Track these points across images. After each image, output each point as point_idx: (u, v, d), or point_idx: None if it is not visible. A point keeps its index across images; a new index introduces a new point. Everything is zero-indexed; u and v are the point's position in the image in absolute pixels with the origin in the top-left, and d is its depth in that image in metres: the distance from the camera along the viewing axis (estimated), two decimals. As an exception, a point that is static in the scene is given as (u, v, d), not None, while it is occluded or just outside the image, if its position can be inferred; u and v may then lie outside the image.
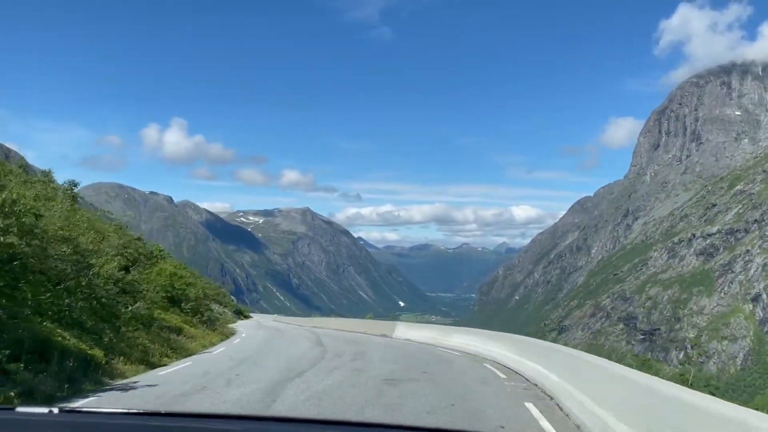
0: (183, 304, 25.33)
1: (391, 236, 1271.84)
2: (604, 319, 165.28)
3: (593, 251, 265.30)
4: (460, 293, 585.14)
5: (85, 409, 2.20)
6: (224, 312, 56.90)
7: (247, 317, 76.61)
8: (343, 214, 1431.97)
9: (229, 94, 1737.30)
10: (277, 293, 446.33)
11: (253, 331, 37.62)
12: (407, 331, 29.54)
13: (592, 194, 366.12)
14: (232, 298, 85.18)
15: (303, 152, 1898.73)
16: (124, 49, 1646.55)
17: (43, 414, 2.05)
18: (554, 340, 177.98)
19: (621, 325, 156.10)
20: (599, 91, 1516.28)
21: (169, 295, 24.16)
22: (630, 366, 12.45)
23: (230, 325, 42.23)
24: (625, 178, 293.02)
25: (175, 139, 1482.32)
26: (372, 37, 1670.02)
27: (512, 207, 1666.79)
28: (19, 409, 2.10)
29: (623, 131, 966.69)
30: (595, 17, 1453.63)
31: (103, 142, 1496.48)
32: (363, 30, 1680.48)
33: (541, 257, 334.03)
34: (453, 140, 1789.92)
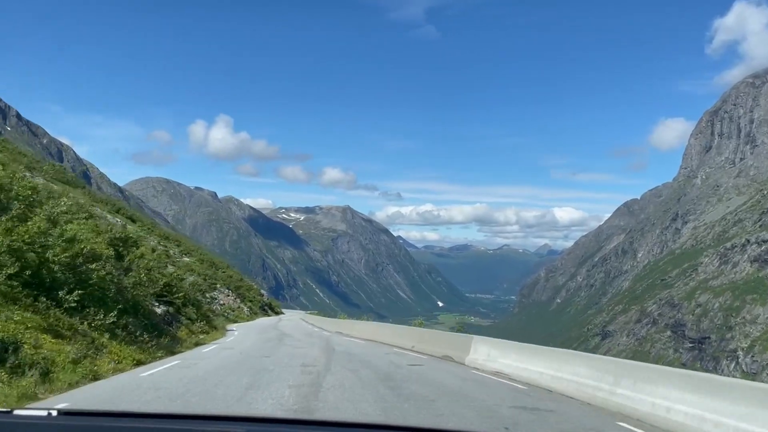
0: (63, 293, 13.33)
1: (431, 236, 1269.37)
2: (650, 325, 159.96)
3: (639, 255, 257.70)
4: (499, 295, 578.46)
5: (85, 411, 2.20)
6: (238, 308, 52.51)
7: (278, 313, 75.69)
8: (383, 212, 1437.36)
9: (274, 92, 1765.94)
10: (317, 290, 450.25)
11: (244, 337, 27.89)
12: (497, 354, 15.05)
13: (638, 197, 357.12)
14: (263, 292, 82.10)
15: (345, 150, 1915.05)
16: (174, 47, 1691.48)
17: (42, 417, 2.03)
18: (597, 346, 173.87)
19: (668, 332, 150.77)
20: (649, 92, 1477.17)
21: (25, 274, 12.53)
22: None
23: (232, 326, 37.68)
24: (674, 181, 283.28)
25: (221, 135, 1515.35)
26: (417, 35, 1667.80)
27: (555, 209, 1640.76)
28: (17, 411, 2.08)
29: (673, 133, 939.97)
30: (645, 16, 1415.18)
31: (152, 138, 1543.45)
32: (408, 29, 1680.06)
33: (585, 260, 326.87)
34: (496, 140, 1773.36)
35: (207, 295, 45.69)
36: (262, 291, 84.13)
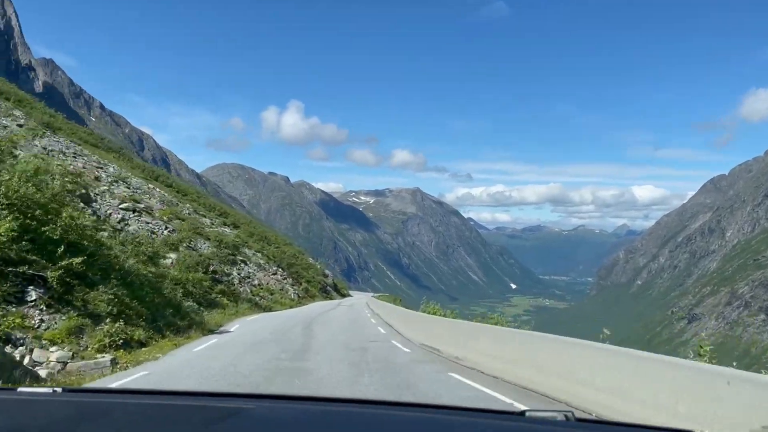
0: None
1: (503, 217, 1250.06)
2: (741, 308, 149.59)
3: (728, 234, 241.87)
4: (575, 277, 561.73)
5: (88, 388, 2.13)
6: (281, 290, 42.63)
7: (344, 296, 71.58)
8: (453, 194, 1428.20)
9: (343, 76, 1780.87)
10: (388, 272, 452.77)
11: (170, 369, 11.55)
12: None
13: (726, 172, 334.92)
14: (327, 272, 74.75)
15: (414, 132, 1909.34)
16: (248, 37, 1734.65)
17: (46, 394, 2.02)
18: (683, 329, 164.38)
19: (762, 316, 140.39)
20: (736, 61, 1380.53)
21: None
22: None
23: (244, 319, 24.67)
24: (766, 155, 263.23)
25: (292, 120, 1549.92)
26: (487, 13, 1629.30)
27: (634, 187, 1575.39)
28: (22, 389, 2.07)
29: (764, 103, 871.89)
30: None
31: (227, 125, 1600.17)
32: (478, 6, 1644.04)
33: (667, 240, 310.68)
34: (571, 118, 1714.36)
35: (231, 269, 35.55)
36: (326, 271, 76.06)
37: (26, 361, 10.46)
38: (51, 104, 69.86)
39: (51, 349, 11.22)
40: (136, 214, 29.50)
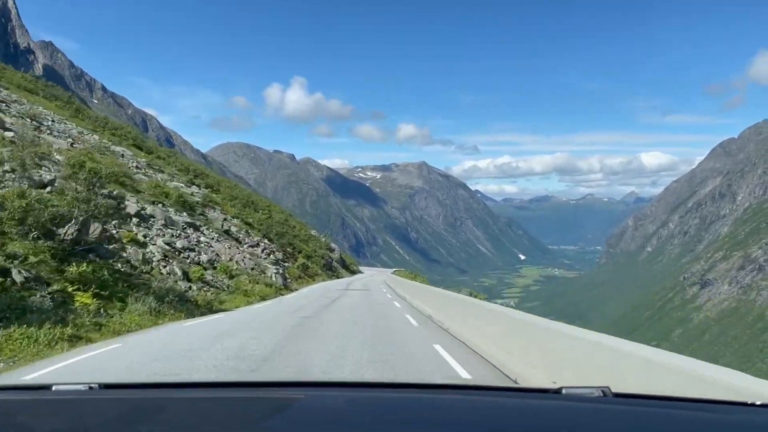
0: None
1: (510, 188, 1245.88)
2: (755, 272, 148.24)
3: (739, 198, 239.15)
4: (584, 246, 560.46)
5: (127, 383, 2.12)
6: (254, 267, 29.81)
7: (353, 272, 65.98)
8: (459, 167, 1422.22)
9: (347, 50, 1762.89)
10: (396, 247, 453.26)
11: None
12: None
13: (736, 136, 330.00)
14: (333, 246, 67.21)
15: (419, 106, 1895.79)
16: (248, 12, 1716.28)
17: (83, 391, 1.92)
18: (695, 295, 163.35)
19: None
20: (747, 21, 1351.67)
21: None
22: None
23: (47, 369, 7.65)
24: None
25: (295, 97, 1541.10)
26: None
27: (642, 154, 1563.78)
28: (57, 387, 1.96)
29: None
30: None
31: (230, 104, 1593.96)
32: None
33: (677, 206, 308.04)
34: (577, 86, 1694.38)
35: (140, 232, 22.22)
36: (332, 245, 67.70)
37: None
38: (49, 86, 68.64)
39: None
40: None
